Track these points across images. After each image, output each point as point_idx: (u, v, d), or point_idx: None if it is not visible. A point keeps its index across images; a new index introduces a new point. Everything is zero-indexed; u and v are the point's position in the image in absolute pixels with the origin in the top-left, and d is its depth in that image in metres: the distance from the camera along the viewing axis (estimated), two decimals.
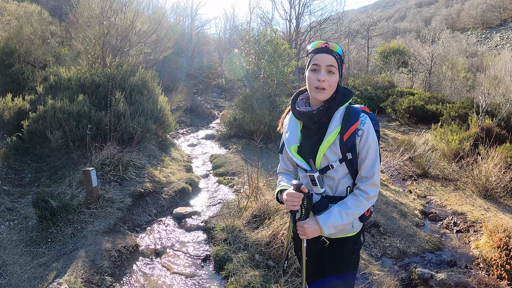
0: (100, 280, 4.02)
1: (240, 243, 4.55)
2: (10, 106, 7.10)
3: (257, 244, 4.45)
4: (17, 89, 7.69)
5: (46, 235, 4.88)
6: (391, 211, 6.41)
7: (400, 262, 5.15)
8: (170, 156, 7.77)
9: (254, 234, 4.62)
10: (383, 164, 9.11)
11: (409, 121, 14.91)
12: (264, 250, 4.37)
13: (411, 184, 8.25)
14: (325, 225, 2.14)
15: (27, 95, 7.49)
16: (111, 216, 5.18)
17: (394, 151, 9.68)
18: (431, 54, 21.43)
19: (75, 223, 4.99)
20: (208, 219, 5.45)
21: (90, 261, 4.23)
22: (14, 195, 6.02)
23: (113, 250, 4.49)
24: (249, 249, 4.41)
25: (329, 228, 2.15)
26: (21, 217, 5.41)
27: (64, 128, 6.33)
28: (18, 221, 5.30)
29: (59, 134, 6.28)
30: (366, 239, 5.52)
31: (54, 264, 4.25)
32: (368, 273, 4.61)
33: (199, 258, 4.63)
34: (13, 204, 5.73)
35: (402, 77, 24.67)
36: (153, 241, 5.01)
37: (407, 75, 25.10)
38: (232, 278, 4.04)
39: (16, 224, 5.23)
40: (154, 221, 5.55)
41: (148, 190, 6.02)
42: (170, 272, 4.35)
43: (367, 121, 2.15)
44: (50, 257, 4.45)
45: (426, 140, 9.97)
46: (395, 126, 14.93)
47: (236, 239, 4.63)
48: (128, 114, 7.21)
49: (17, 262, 4.44)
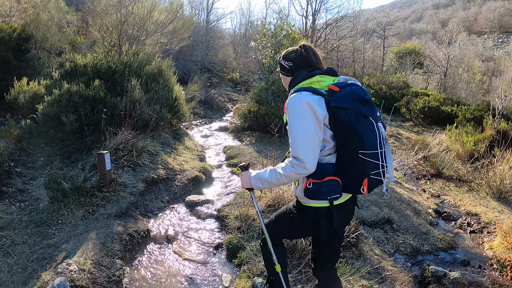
0: (110, 263, 3.89)
1: (254, 232, 4.39)
2: (25, 90, 7.03)
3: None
4: (33, 75, 7.62)
5: (56, 216, 4.79)
6: (404, 209, 6.23)
7: (413, 260, 5.02)
8: (183, 145, 7.64)
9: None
10: (396, 162, 8.93)
11: (424, 121, 14.60)
12: None
13: (424, 183, 8.07)
14: (254, 177, 2.45)
15: (42, 80, 7.42)
16: (124, 200, 5.06)
17: (408, 150, 9.46)
18: (447, 56, 21.05)
19: (86, 205, 4.88)
20: (221, 208, 5.30)
21: (101, 243, 4.11)
22: (26, 177, 5.94)
23: (124, 234, 4.36)
24: (262, 237, 4.25)
25: (256, 180, 2.43)
26: (32, 198, 5.32)
27: (79, 112, 6.22)
28: (29, 203, 5.22)
29: (74, 118, 6.17)
30: (380, 235, 5.37)
31: (63, 245, 4.15)
32: (381, 268, 4.44)
33: (211, 246, 4.48)
34: (25, 186, 5.65)
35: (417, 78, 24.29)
36: (165, 227, 4.88)
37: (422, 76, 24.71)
38: (245, 266, 3.90)
39: (27, 206, 5.15)
40: (166, 208, 5.42)
41: (161, 176, 5.89)
42: (181, 258, 4.21)
43: (289, 99, 2.30)
44: (60, 238, 4.35)
45: (440, 141, 9.79)
46: (409, 126, 14.65)
47: (249, 228, 4.48)
48: (144, 101, 7.09)
49: (26, 242, 4.36)
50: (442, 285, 4.33)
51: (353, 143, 2.18)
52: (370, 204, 6.16)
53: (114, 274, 3.78)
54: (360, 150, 2.17)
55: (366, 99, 2.26)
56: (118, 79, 7.39)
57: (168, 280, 3.82)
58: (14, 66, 8.03)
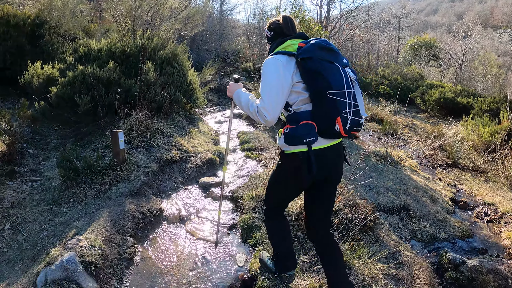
0: (121, 240, 3.75)
1: None
2: (39, 74, 6.92)
3: (287, 215, 4.09)
4: (47, 60, 7.49)
5: (68, 195, 4.68)
6: (421, 196, 6.04)
7: (429, 246, 4.90)
8: (197, 128, 7.47)
9: None
10: (412, 151, 8.71)
11: (439, 113, 14.40)
12: (294, 220, 4.01)
13: (440, 173, 7.90)
14: (237, 92, 2.78)
15: (56, 64, 7.31)
16: (137, 179, 4.91)
17: (423, 139, 9.23)
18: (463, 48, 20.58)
19: (99, 184, 4.75)
20: (236, 189, 5.12)
21: (113, 221, 3.97)
22: (39, 158, 5.86)
23: (136, 212, 4.22)
24: None
25: (236, 95, 2.76)
26: (44, 178, 5.23)
27: (93, 93, 6.10)
28: (41, 182, 5.13)
29: (88, 99, 6.06)
30: (396, 222, 5.23)
31: (74, 222, 4.03)
32: (398, 253, 4.26)
33: (225, 226, 4.32)
34: (37, 166, 5.57)
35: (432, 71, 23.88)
36: (178, 207, 4.73)
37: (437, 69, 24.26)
38: (259, 246, 3.73)
39: (39, 185, 5.06)
40: (180, 189, 5.27)
41: (175, 158, 5.74)
42: (194, 238, 4.06)
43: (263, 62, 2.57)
44: (71, 216, 4.24)
45: (456, 132, 9.61)
46: (424, 118, 14.38)
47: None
48: (158, 84, 6.94)
49: (37, 220, 4.28)
50: (459, 273, 4.21)
51: (321, 85, 2.37)
52: (386, 190, 5.94)
53: (125, 252, 3.65)
54: (328, 90, 2.35)
55: (328, 47, 2.50)
56: (132, 62, 7.25)
57: (180, 259, 3.67)
58: (28, 51, 7.94)
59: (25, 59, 7.36)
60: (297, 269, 3.38)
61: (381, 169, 6.80)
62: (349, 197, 4.63)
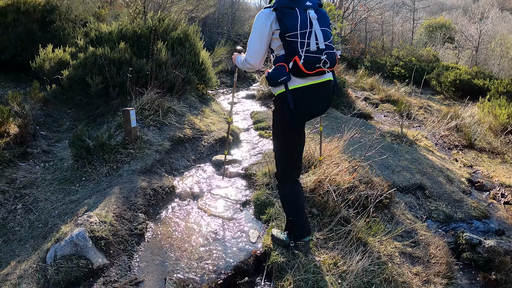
0: (132, 216, 3.65)
1: None
2: (51, 57, 6.83)
3: None
4: (58, 45, 7.37)
5: (80, 174, 4.60)
6: (437, 175, 5.83)
7: (446, 226, 4.75)
8: (210, 108, 7.30)
9: None
10: (427, 131, 8.44)
11: (454, 95, 13.92)
12: (309, 196, 3.85)
13: (456, 153, 7.63)
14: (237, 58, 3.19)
15: (67, 48, 7.20)
16: (149, 157, 4.80)
17: (439, 120, 8.93)
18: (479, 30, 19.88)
19: (111, 162, 4.65)
20: (249, 166, 4.97)
21: (124, 197, 3.87)
22: (51, 140, 5.81)
23: (148, 189, 4.11)
24: None
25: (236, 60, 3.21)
26: (56, 159, 5.17)
27: (104, 74, 5.99)
28: (53, 163, 5.07)
29: (99, 80, 5.96)
30: (411, 201, 5.06)
31: (86, 200, 3.96)
32: (414, 232, 4.09)
33: (238, 203, 4.18)
34: (50, 148, 5.52)
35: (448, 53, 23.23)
36: (190, 184, 4.60)
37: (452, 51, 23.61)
38: (273, 222, 3.59)
39: (51, 165, 5.00)
40: (193, 167, 5.14)
41: (187, 136, 5.60)
42: (207, 214, 3.93)
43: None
44: (83, 195, 4.16)
45: (472, 113, 9.33)
46: (440, 99, 13.96)
47: None
48: (170, 63, 6.78)
49: (49, 199, 4.21)
50: (476, 253, 4.07)
51: (282, 30, 2.62)
52: (402, 169, 5.74)
53: (136, 228, 3.55)
54: (285, 34, 2.60)
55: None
56: (143, 43, 7.11)
57: (192, 236, 3.55)
58: (39, 37, 7.84)
59: (36, 45, 7.26)
60: (312, 246, 3.23)
61: (396, 149, 6.58)
62: (364, 174, 4.45)
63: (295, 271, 2.88)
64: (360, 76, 13.55)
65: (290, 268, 2.93)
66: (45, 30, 8.21)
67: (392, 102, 11.27)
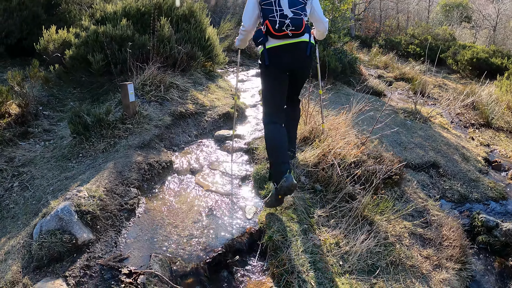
0: (124, 191, 3.39)
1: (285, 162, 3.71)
2: (55, 39, 6.56)
3: (303, 165, 3.58)
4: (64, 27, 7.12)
5: (78, 150, 4.35)
6: (452, 153, 5.43)
7: (460, 207, 4.40)
8: (217, 84, 6.94)
9: (301, 154, 3.76)
10: (442, 108, 7.94)
11: (471, 74, 13.34)
12: (312, 171, 3.50)
13: (473, 132, 7.19)
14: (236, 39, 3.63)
15: (72, 28, 6.91)
16: (147, 132, 4.51)
17: (455, 96, 8.41)
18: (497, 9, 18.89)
19: (108, 138, 4.38)
20: (252, 141, 4.65)
21: (117, 172, 3.61)
22: (54, 119, 5.59)
23: (143, 163, 3.83)
24: (294, 169, 3.57)
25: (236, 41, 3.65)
26: (57, 137, 4.94)
27: (106, 51, 5.72)
28: (53, 141, 4.84)
29: (101, 57, 5.70)
30: (424, 179, 4.69)
31: (80, 176, 3.72)
32: (425, 212, 3.71)
33: (238, 177, 3.87)
34: (51, 127, 5.30)
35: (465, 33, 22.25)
36: (190, 159, 4.30)
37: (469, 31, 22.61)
38: None
39: (51, 144, 4.77)
40: (194, 142, 4.83)
41: (190, 111, 5.28)
42: (204, 189, 3.63)
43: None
44: (78, 171, 3.92)
45: (489, 92, 8.80)
46: (456, 78, 13.35)
47: None
48: (174, 40, 6.43)
49: (45, 176, 3.99)
50: (492, 237, 3.74)
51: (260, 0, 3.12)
52: (415, 146, 5.33)
53: (127, 203, 3.29)
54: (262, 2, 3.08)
55: None
56: (147, 20, 6.77)
57: (186, 211, 3.27)
58: (45, 20, 7.52)
59: (42, 28, 7.01)
60: (313, 223, 2.91)
61: (409, 125, 6.16)
62: (373, 149, 4.07)
63: (291, 250, 2.56)
64: (374, 54, 12.97)
65: (286, 247, 2.61)
66: (50, 13, 7.93)
67: (407, 80, 10.73)
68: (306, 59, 3.19)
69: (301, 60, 3.18)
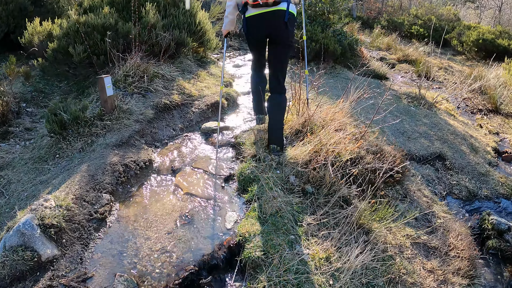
0: (95, 198, 3.03)
1: (273, 160, 3.28)
2: (39, 31, 6.13)
3: (293, 163, 3.16)
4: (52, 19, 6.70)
5: (55, 151, 3.99)
6: (459, 143, 4.97)
7: (468, 205, 3.96)
8: (208, 71, 6.46)
9: (291, 151, 3.33)
10: (448, 92, 7.41)
11: (477, 55, 12.77)
12: (302, 170, 3.08)
13: (480, 119, 6.68)
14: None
15: (57, 19, 6.47)
16: (127, 128, 4.10)
17: (461, 80, 7.87)
18: None
19: (85, 136, 4.00)
20: (240, 134, 4.21)
21: (89, 176, 3.24)
22: (37, 116, 5.24)
23: (118, 165, 3.45)
24: (283, 168, 3.15)
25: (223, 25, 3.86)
26: (38, 136, 4.59)
27: (88, 42, 5.30)
28: (34, 141, 4.50)
29: (82, 49, 5.28)
30: (430, 173, 4.25)
31: (54, 180, 3.38)
32: (431, 214, 3.29)
33: (221, 177, 3.46)
34: (33, 125, 4.96)
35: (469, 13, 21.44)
36: (172, 157, 3.90)
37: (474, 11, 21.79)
38: (255, 203, 2.85)
39: (32, 144, 4.43)
40: (179, 136, 4.41)
41: (175, 102, 4.85)
42: (183, 192, 3.23)
43: None
44: (53, 174, 3.58)
45: (497, 74, 8.22)
46: (461, 60, 12.73)
47: (267, 156, 3.37)
48: (160, 26, 5.96)
49: (21, 180, 3.66)
50: (504, 242, 3.32)
51: None
52: (419, 135, 4.88)
53: (98, 211, 2.94)
54: None
55: None
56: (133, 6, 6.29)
57: (161, 219, 2.88)
58: (32, 12, 7.14)
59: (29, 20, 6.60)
60: (301, 233, 2.51)
61: (413, 112, 5.68)
62: (373, 142, 3.62)
63: (272, 269, 2.16)
64: (376, 36, 12.35)
65: (267, 265, 2.21)
66: (38, 5, 7.51)
67: (410, 62, 10.16)
68: (283, 26, 3.27)
69: (277, 27, 3.29)
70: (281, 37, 3.37)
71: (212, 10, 8.06)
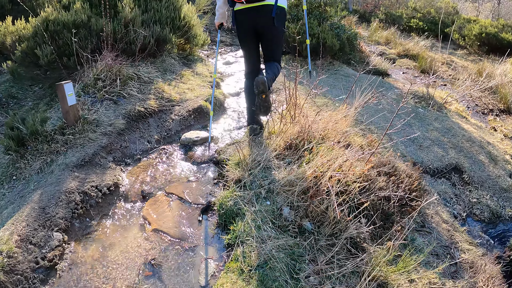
0: (44, 238, 2.42)
1: (262, 187, 2.61)
2: (12, 31, 5.44)
3: (287, 191, 2.50)
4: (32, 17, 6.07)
5: (11, 171, 3.35)
6: (476, 152, 4.35)
7: (492, 229, 3.37)
8: (193, 71, 5.74)
9: (285, 174, 2.66)
10: (458, 92, 6.77)
11: (479, 49, 12.26)
12: (298, 201, 2.43)
13: (493, 120, 6.09)
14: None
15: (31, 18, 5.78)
16: (92, 144, 3.44)
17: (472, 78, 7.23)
18: None
19: (44, 154, 3.35)
20: (224, 148, 3.56)
21: (40, 208, 2.62)
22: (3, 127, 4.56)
23: (76, 193, 2.80)
24: (274, 198, 2.49)
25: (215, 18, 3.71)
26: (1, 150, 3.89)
27: (57, 42, 4.66)
28: None
29: (49, 50, 4.62)
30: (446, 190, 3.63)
31: (5, 211, 2.77)
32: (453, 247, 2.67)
33: (198, 207, 2.80)
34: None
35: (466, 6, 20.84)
36: (143, 178, 3.24)
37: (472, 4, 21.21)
38: (238, 249, 2.19)
39: None
40: (154, 150, 3.73)
41: (151, 109, 4.17)
42: (151, 228, 2.58)
43: None
44: (6, 201, 2.96)
45: (504, 70, 7.58)
46: (463, 54, 12.15)
47: (255, 181, 2.70)
48: (139, 21, 5.28)
49: None
50: None
51: None
52: (431, 143, 4.25)
53: (46, 256, 2.33)
54: None
55: None
56: (112, 1, 5.60)
57: (121, 267, 2.25)
58: (10, 10, 6.47)
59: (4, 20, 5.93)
60: None
61: (422, 114, 5.04)
62: (385, 160, 2.96)
63: None
64: (374, 29, 11.67)
65: None
66: (16, 3, 6.82)
67: (411, 57, 9.54)
68: (270, 20, 3.16)
69: (264, 21, 3.19)
70: (268, 30, 3.26)
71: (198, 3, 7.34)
